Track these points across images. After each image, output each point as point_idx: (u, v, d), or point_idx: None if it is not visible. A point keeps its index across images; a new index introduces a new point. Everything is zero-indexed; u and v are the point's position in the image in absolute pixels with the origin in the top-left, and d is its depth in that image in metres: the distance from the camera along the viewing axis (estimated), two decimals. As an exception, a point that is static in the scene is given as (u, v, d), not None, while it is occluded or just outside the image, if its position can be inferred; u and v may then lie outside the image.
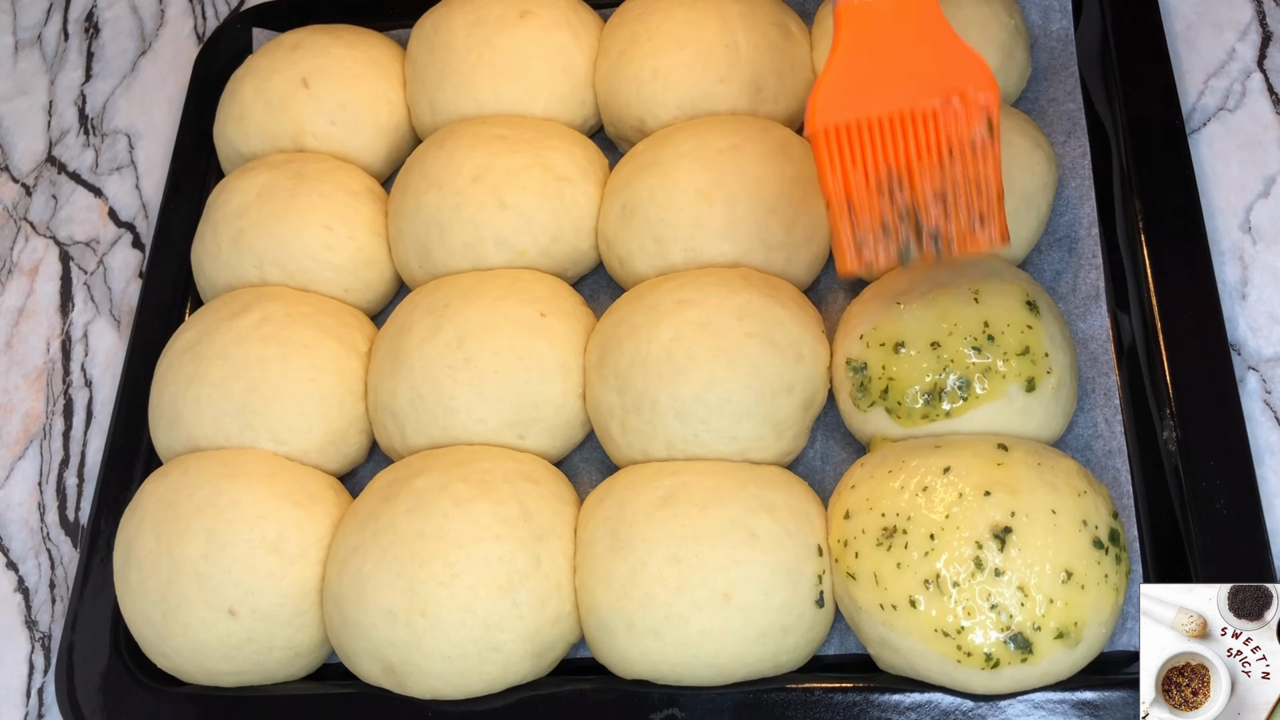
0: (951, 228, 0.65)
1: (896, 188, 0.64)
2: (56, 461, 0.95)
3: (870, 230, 0.65)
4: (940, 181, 0.64)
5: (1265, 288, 0.80)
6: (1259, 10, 0.90)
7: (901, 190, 0.64)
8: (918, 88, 0.63)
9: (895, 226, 0.65)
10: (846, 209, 0.64)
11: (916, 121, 0.63)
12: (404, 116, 0.96)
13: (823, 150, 0.64)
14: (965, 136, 0.63)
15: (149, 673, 0.78)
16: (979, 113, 0.63)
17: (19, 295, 1.04)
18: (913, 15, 0.64)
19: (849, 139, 0.64)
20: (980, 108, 0.63)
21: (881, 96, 0.63)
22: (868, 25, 0.64)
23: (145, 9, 1.18)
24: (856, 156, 0.64)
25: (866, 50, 0.64)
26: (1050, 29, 0.89)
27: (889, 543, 0.67)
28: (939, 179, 0.64)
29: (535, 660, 0.72)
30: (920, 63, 0.64)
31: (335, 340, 0.84)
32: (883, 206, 0.64)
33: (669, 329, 0.76)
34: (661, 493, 0.72)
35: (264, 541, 0.75)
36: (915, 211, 0.64)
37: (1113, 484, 0.73)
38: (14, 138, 1.14)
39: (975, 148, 0.63)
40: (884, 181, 0.64)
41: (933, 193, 0.64)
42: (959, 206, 0.64)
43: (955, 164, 0.63)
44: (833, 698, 0.68)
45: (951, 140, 0.63)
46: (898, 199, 0.64)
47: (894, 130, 0.63)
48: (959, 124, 0.63)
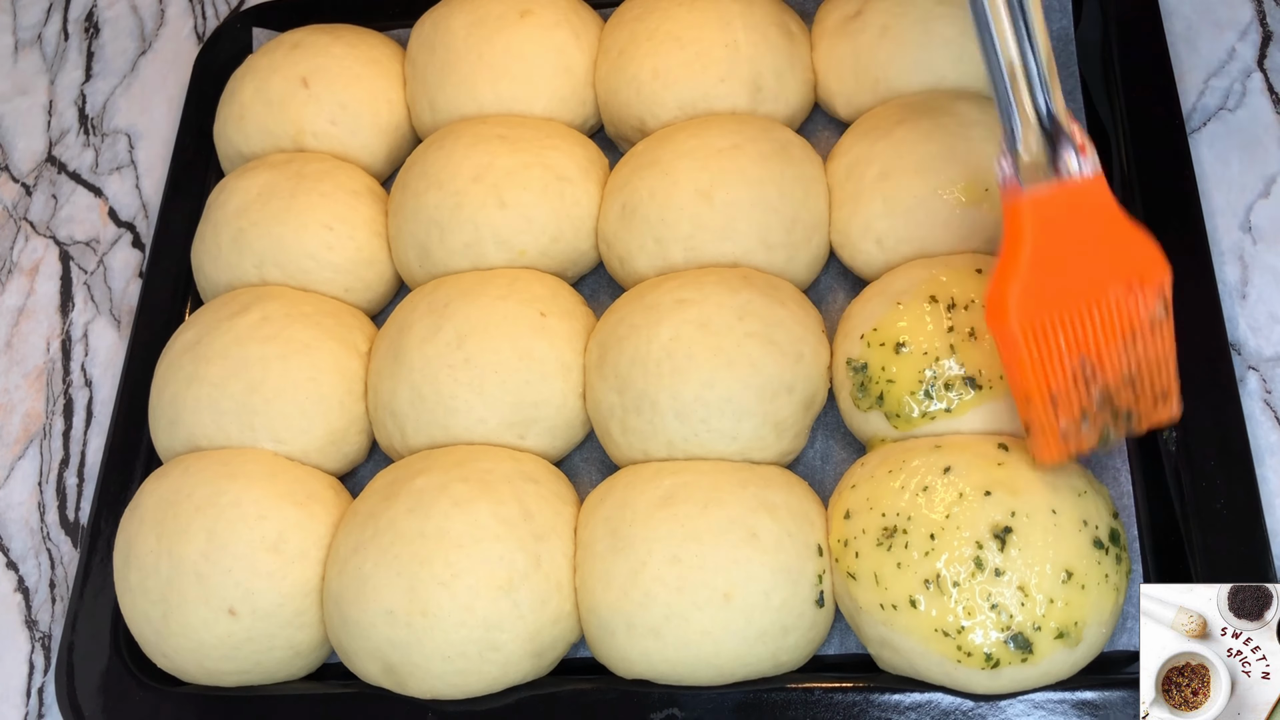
0: (1140, 407, 0.66)
1: (1090, 374, 0.64)
2: (56, 461, 0.95)
3: (1072, 419, 0.65)
4: (1128, 363, 0.65)
5: (1265, 288, 0.80)
6: (1259, 10, 0.90)
7: (1095, 377, 0.64)
8: (1101, 275, 0.63)
9: (1094, 414, 0.65)
10: (1050, 403, 0.64)
11: (1103, 308, 0.64)
12: (404, 116, 0.96)
13: (1022, 348, 0.63)
14: (1145, 317, 0.64)
15: (149, 673, 0.78)
16: (1156, 292, 0.64)
17: (19, 295, 1.04)
18: (1087, 202, 0.63)
19: (1041, 333, 0.63)
20: (1158, 287, 0.64)
21: (1069, 289, 0.63)
22: (1047, 217, 0.63)
23: (145, 9, 1.18)
24: (1050, 350, 0.63)
25: (1049, 243, 0.63)
26: (1050, 29, 0.88)
27: (889, 542, 0.67)
28: (1126, 362, 0.65)
29: (535, 660, 0.72)
30: (1098, 249, 0.63)
31: (335, 340, 0.84)
32: (1081, 395, 0.65)
33: (669, 329, 0.76)
34: (662, 493, 0.72)
35: (264, 541, 0.75)
36: (1110, 396, 0.65)
37: (1113, 484, 0.73)
38: (14, 138, 1.14)
39: (1153, 327, 0.65)
40: (1079, 371, 0.64)
41: (1123, 375, 0.65)
42: (1144, 385, 0.65)
43: (1138, 345, 0.64)
44: (833, 698, 0.68)
45: (1133, 322, 0.64)
46: (1093, 386, 0.65)
47: (1084, 320, 0.64)
48: (1139, 306, 0.64)
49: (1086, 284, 0.63)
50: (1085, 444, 0.66)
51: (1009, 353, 0.64)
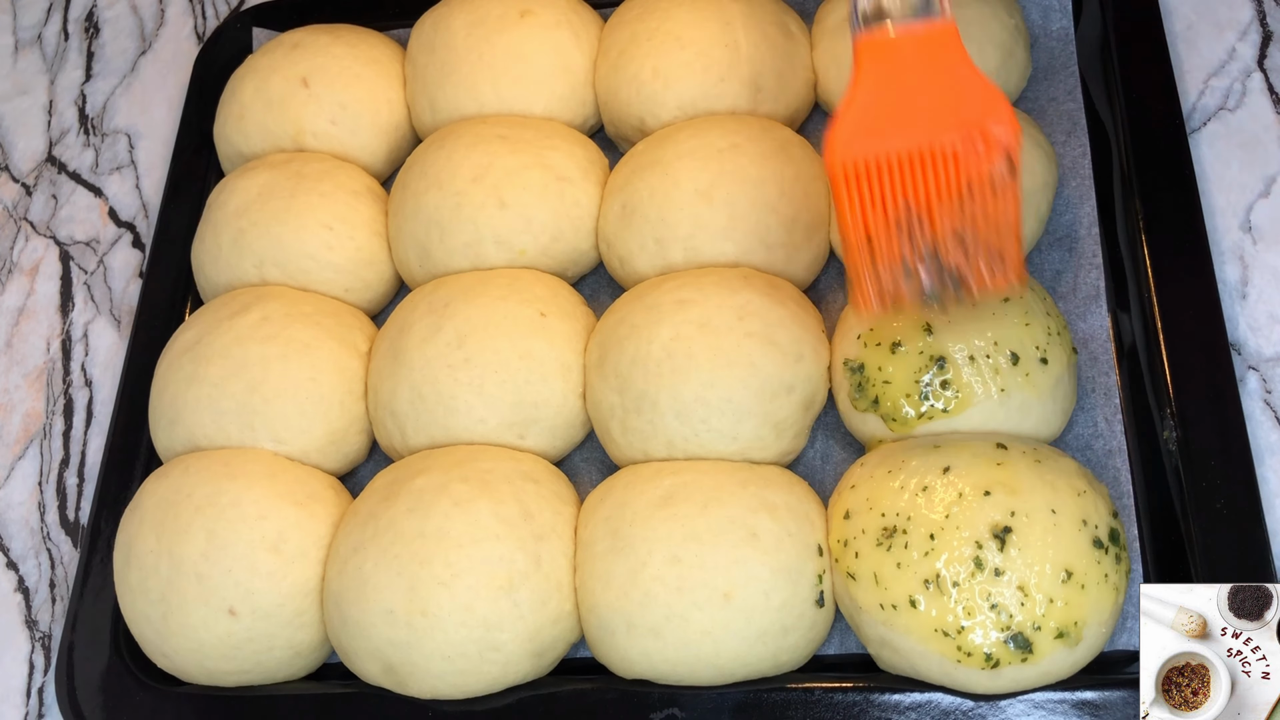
0: (970, 268, 0.63)
1: (916, 226, 0.62)
2: (56, 461, 0.95)
3: (890, 270, 0.63)
4: (960, 220, 0.62)
5: (1265, 288, 0.80)
6: (1259, 10, 0.90)
7: (922, 229, 0.62)
8: (938, 124, 0.61)
9: (915, 266, 0.63)
10: (866, 248, 0.62)
11: (936, 158, 0.61)
12: (404, 116, 0.96)
13: (841, 187, 0.62)
14: (985, 174, 0.61)
15: (149, 673, 0.78)
16: (999, 150, 0.60)
17: (19, 295, 1.04)
18: (934, 49, 0.62)
19: (868, 176, 0.61)
20: (1001, 144, 0.60)
21: (901, 132, 0.61)
22: (888, 60, 0.62)
23: (145, 9, 1.18)
24: (876, 194, 0.61)
25: (886, 85, 0.62)
26: (1050, 29, 0.89)
27: (889, 543, 0.67)
28: (959, 217, 0.62)
29: (535, 660, 0.72)
30: (941, 98, 0.61)
31: (335, 340, 0.84)
32: (903, 245, 0.62)
33: (669, 329, 0.76)
34: (662, 492, 0.72)
35: (264, 541, 0.75)
36: (935, 251, 0.62)
37: (1113, 484, 0.73)
38: (14, 138, 1.14)
39: (995, 186, 0.61)
40: (904, 220, 0.62)
41: (953, 231, 0.62)
42: (977, 246, 0.62)
43: (975, 202, 0.61)
44: (833, 698, 0.68)
45: (971, 178, 0.61)
46: (917, 238, 0.62)
47: (914, 167, 0.61)
48: (979, 161, 0.61)
49: (921, 130, 0.60)
50: (905, 300, 0.63)
51: (835, 192, 0.61)
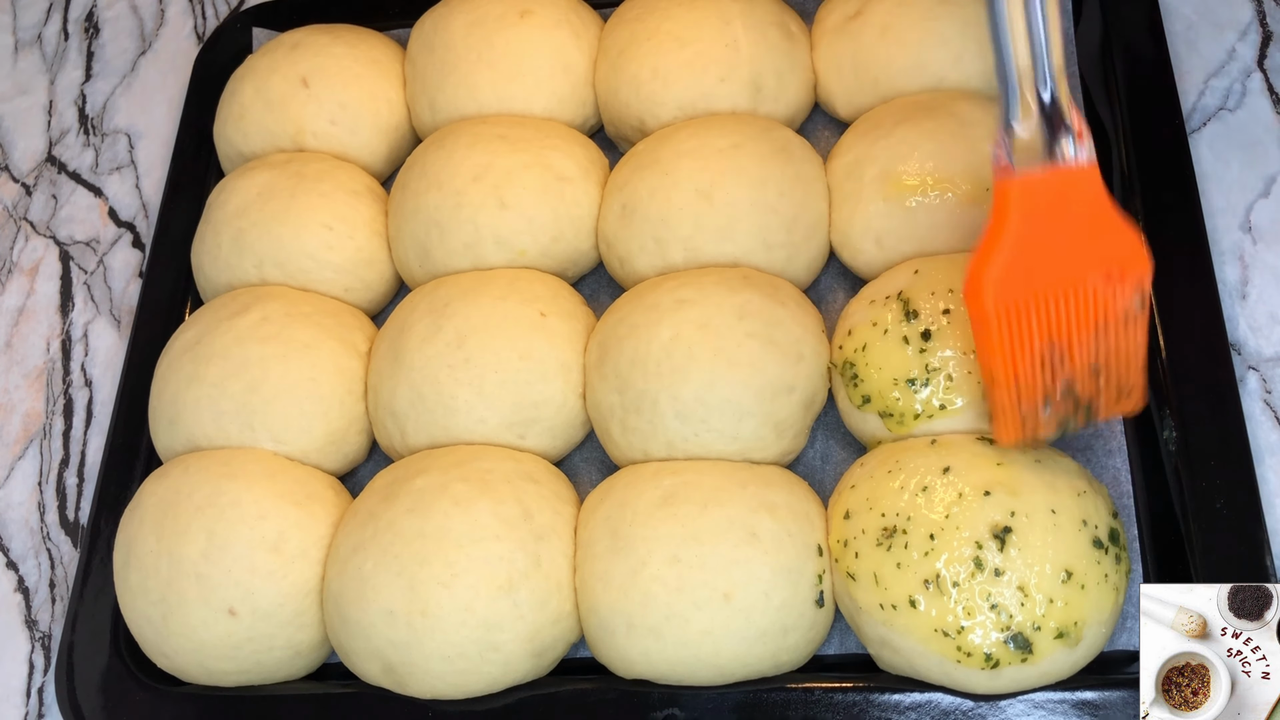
0: (1101, 397, 0.65)
1: (1058, 362, 0.64)
2: (56, 461, 0.95)
3: (1032, 404, 0.65)
4: (1094, 354, 0.64)
5: (1265, 288, 0.80)
6: (1259, 10, 0.90)
7: (1061, 365, 0.64)
8: (1081, 264, 0.63)
9: (1056, 400, 0.65)
10: (1013, 385, 0.64)
11: (1078, 296, 0.63)
12: (404, 116, 0.96)
13: (992, 327, 0.63)
14: (1119, 309, 0.63)
15: (149, 673, 0.78)
16: (1133, 286, 0.63)
17: (19, 295, 1.04)
18: (1079, 191, 0.63)
19: (1017, 316, 0.63)
20: (1135, 281, 0.63)
21: (1048, 273, 0.63)
22: (1036, 200, 0.63)
23: (145, 9, 1.18)
24: (1024, 332, 0.63)
25: (1034, 226, 0.63)
26: (1055, 27, 0.89)
27: (889, 543, 0.67)
28: (1093, 352, 0.64)
29: (535, 660, 0.72)
30: (1082, 238, 0.63)
31: (335, 340, 0.84)
32: (1045, 381, 0.64)
33: (669, 328, 0.76)
34: (662, 492, 0.72)
35: (264, 541, 0.75)
36: (1072, 385, 0.65)
37: (1113, 484, 0.73)
38: (14, 138, 1.14)
39: (1127, 320, 0.64)
40: (1046, 356, 0.64)
41: (1089, 365, 0.64)
42: (1109, 376, 0.65)
43: (1109, 335, 0.64)
44: (833, 698, 0.68)
45: (1108, 313, 0.63)
46: (1058, 373, 0.64)
47: (1058, 305, 0.63)
48: (1115, 298, 0.63)
49: (1066, 271, 0.63)
50: (1044, 430, 0.66)
51: (981, 332, 0.64)
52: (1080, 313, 0.63)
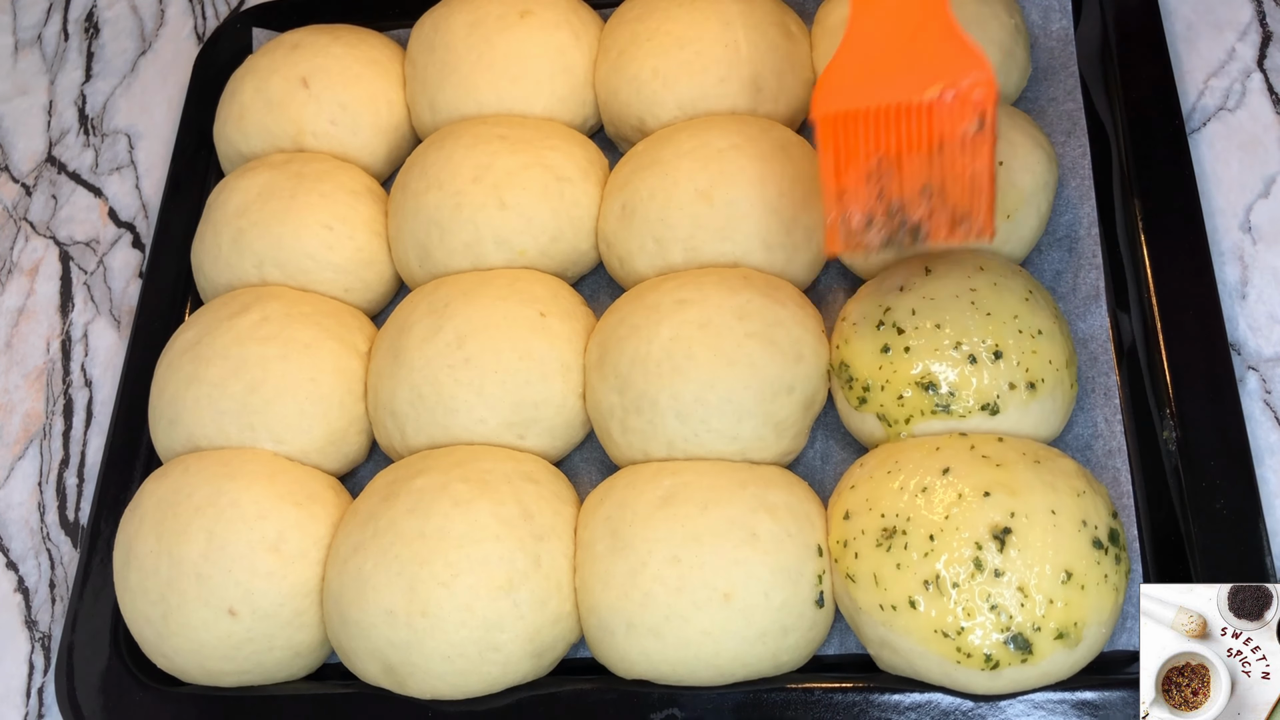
0: (934, 222, 0.65)
1: (887, 179, 0.64)
2: (56, 461, 0.95)
3: (857, 217, 0.65)
4: (927, 175, 0.64)
5: (1265, 288, 0.80)
6: (1259, 10, 0.90)
7: (891, 180, 0.64)
8: (916, 80, 0.63)
9: (880, 218, 0.65)
10: (837, 196, 0.65)
11: (911, 114, 0.63)
12: (404, 116, 0.96)
13: (824, 137, 0.65)
14: (958, 132, 0.63)
15: (149, 673, 0.78)
16: (972, 108, 0.62)
17: (19, 295, 1.04)
18: (921, 8, 0.64)
19: (848, 128, 0.64)
20: (974, 103, 0.62)
21: (881, 87, 0.64)
22: (877, 16, 0.65)
23: (145, 9, 1.18)
24: (853, 145, 0.64)
25: (873, 41, 0.64)
26: (1050, 29, 0.89)
27: (889, 543, 0.67)
28: (926, 172, 0.64)
29: (535, 660, 0.72)
30: (923, 56, 0.64)
31: (335, 340, 0.84)
32: (869, 196, 0.65)
33: (669, 329, 0.76)
34: (662, 493, 0.72)
35: (264, 541, 0.75)
36: (902, 205, 0.65)
37: (1113, 484, 0.73)
38: (14, 138, 1.14)
39: (966, 143, 0.63)
40: (875, 172, 0.64)
41: (919, 185, 0.64)
42: (943, 200, 0.64)
43: (945, 158, 0.63)
44: (833, 698, 0.68)
45: (944, 134, 0.63)
46: (887, 191, 0.64)
47: (890, 122, 0.63)
48: (952, 118, 0.63)
49: (900, 86, 0.63)
50: (869, 243, 0.65)
51: (818, 144, 0.65)
52: (914, 131, 0.63)
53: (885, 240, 0.66)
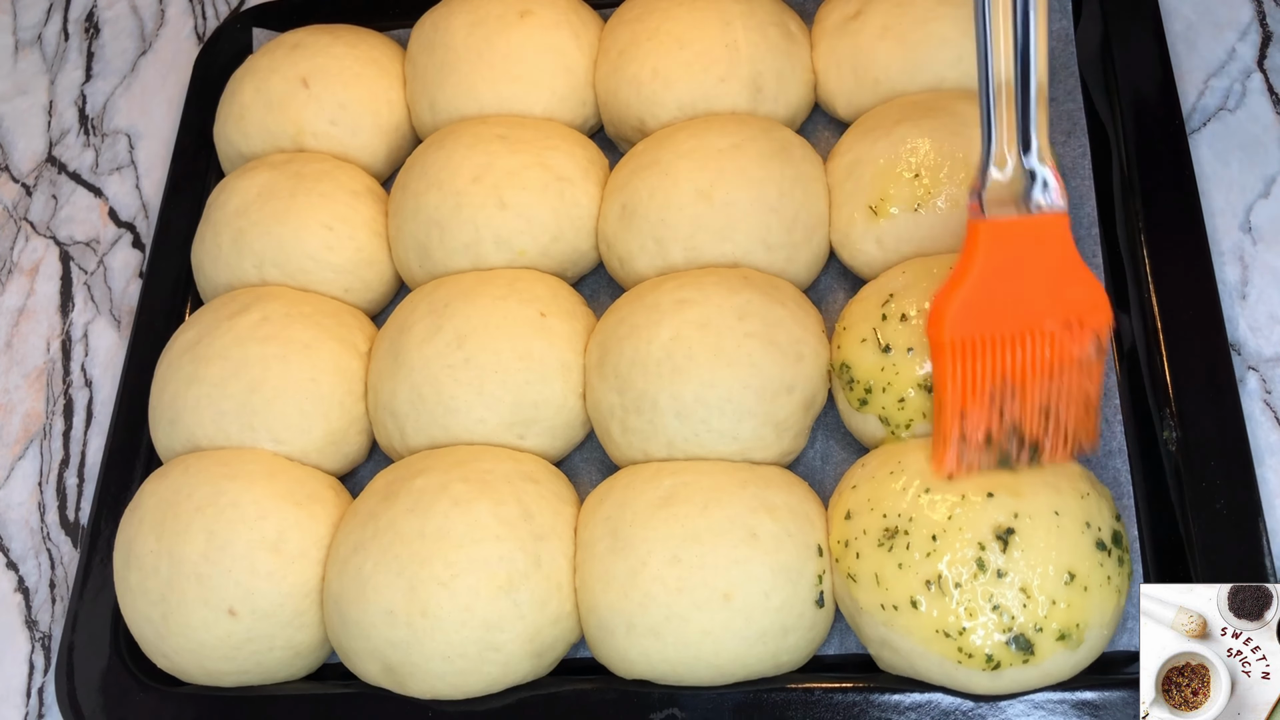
0: (1049, 440, 0.67)
1: (1008, 400, 0.66)
2: (56, 461, 0.95)
3: (974, 438, 0.67)
4: (1046, 396, 0.66)
5: (1265, 288, 0.80)
6: (1259, 10, 0.90)
7: (1012, 402, 0.66)
8: (1041, 309, 0.65)
9: (999, 438, 0.67)
10: (959, 419, 0.67)
11: (1035, 339, 0.66)
12: (404, 116, 0.96)
13: (946, 360, 0.66)
14: (1075, 356, 0.66)
15: (149, 673, 0.78)
16: (1092, 334, 0.66)
17: (19, 295, 1.04)
18: (1046, 237, 0.65)
19: (970, 350, 0.66)
20: (1094, 330, 0.66)
21: (1007, 315, 0.65)
22: (1003, 243, 0.65)
23: (145, 9, 1.18)
24: (976, 368, 0.66)
25: (998, 268, 0.65)
26: (1050, 29, 0.89)
27: (890, 543, 0.67)
28: (1046, 394, 0.66)
29: (535, 660, 0.72)
30: (1045, 284, 0.66)
31: (335, 340, 0.84)
32: (991, 418, 0.67)
33: (669, 329, 0.76)
34: (662, 493, 0.72)
35: (264, 541, 0.75)
36: (1020, 424, 0.67)
37: (1113, 484, 0.73)
38: (14, 138, 1.14)
39: (1082, 367, 0.66)
40: (997, 394, 0.66)
41: (1039, 407, 0.67)
42: (1059, 419, 0.67)
43: (1063, 379, 0.66)
44: (833, 698, 0.68)
45: (1062, 358, 0.66)
46: (1006, 411, 0.67)
47: (1014, 346, 0.66)
48: (1073, 344, 0.66)
49: (1025, 313, 0.65)
50: (980, 466, 0.68)
51: (938, 362, 0.67)
52: (1035, 355, 0.66)
53: (1000, 459, 0.68)
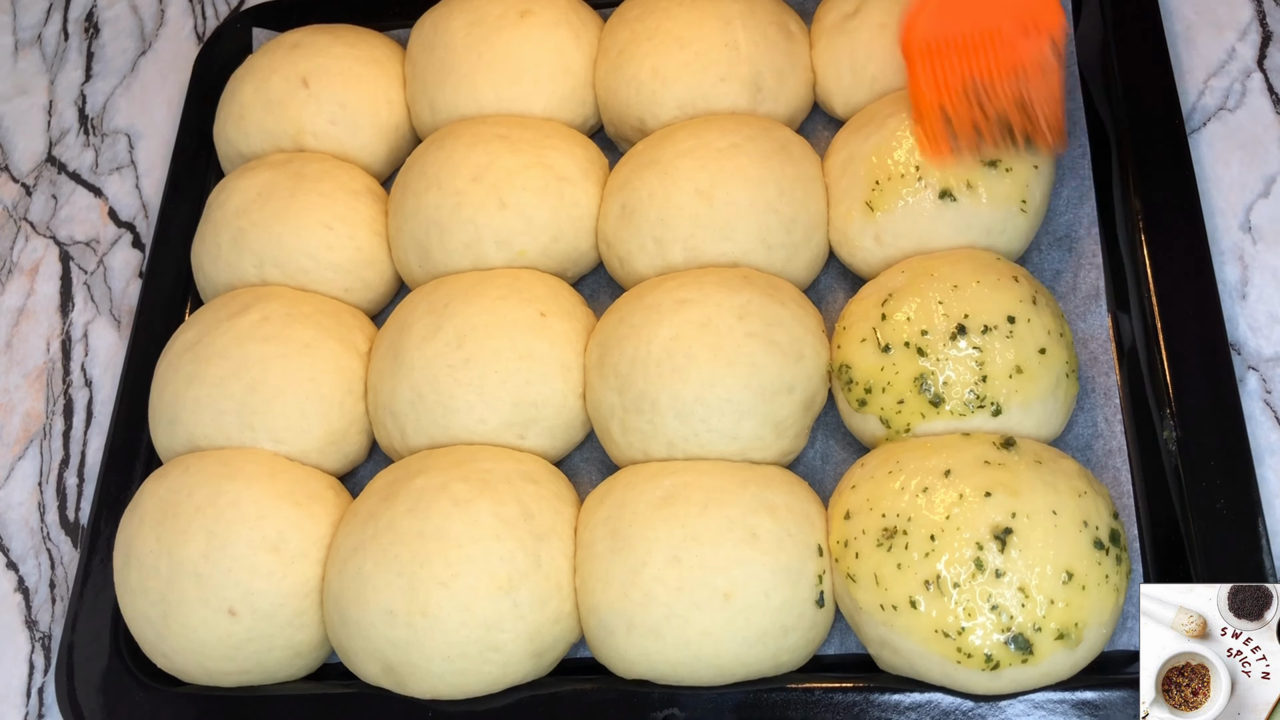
0: (1035, 130, 0.75)
1: (984, 95, 0.74)
2: (56, 461, 0.95)
3: (963, 129, 0.75)
4: (1018, 91, 0.74)
5: (1265, 288, 0.80)
6: (1259, 10, 0.90)
7: (987, 98, 0.74)
8: (998, 15, 0.74)
9: (985, 129, 0.75)
10: (941, 113, 0.75)
11: (994, 41, 0.74)
12: (404, 116, 0.96)
13: (917, 63, 0.75)
14: (1034, 58, 0.74)
15: (149, 673, 0.78)
16: (1045, 35, 0.73)
17: (19, 295, 1.04)
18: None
19: (940, 54, 0.75)
20: (1046, 30, 0.73)
21: (966, 17, 0.75)
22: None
23: (145, 9, 1.18)
24: (947, 68, 0.75)
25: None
26: (1050, 28, 0.89)
27: (889, 543, 0.67)
28: (1016, 89, 0.74)
29: (535, 660, 0.72)
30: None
31: (335, 340, 0.84)
32: (973, 110, 0.75)
33: (669, 329, 0.76)
34: (662, 493, 0.72)
35: (264, 541, 0.75)
36: (1005, 116, 0.74)
37: (1113, 484, 0.73)
38: (14, 138, 1.14)
39: (1041, 68, 0.74)
40: (971, 90, 0.74)
41: (1014, 100, 0.74)
42: (1035, 112, 0.74)
43: (1028, 80, 0.74)
44: (833, 698, 0.68)
45: (1023, 59, 0.74)
46: (985, 104, 0.74)
47: (976, 48, 0.74)
48: (1029, 45, 0.74)
49: (983, 17, 0.74)
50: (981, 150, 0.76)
51: (911, 69, 0.76)
52: (999, 57, 0.74)
53: (995, 145, 0.75)
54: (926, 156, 0.77)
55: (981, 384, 0.71)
